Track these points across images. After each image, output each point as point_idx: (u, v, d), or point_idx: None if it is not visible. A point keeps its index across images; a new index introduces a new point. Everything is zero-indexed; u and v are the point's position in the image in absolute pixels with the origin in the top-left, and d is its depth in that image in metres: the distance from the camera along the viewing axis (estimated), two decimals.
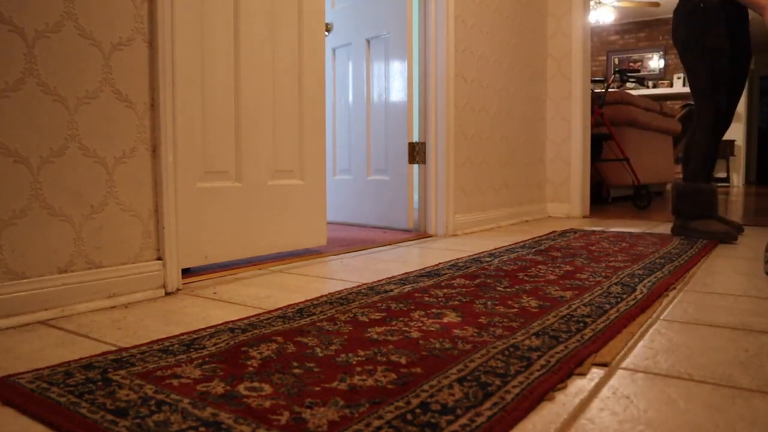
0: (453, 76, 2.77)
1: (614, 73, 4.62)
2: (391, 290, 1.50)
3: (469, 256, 2.08)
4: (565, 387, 0.86)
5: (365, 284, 1.58)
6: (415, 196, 2.88)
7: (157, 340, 1.08)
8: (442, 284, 1.57)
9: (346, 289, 1.53)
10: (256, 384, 0.86)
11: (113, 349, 1.05)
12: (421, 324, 1.18)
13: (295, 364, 0.94)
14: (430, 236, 2.73)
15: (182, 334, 1.12)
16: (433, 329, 1.14)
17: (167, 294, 1.52)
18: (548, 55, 3.75)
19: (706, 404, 0.80)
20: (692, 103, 7.17)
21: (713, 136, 2.47)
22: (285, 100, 2.07)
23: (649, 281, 1.58)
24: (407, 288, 1.53)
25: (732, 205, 4.80)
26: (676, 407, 0.79)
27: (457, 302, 1.37)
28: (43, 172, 1.27)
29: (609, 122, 4.34)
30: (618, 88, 7.87)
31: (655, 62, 9.03)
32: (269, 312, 1.29)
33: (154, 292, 1.49)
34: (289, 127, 2.09)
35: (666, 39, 8.93)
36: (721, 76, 2.42)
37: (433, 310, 1.29)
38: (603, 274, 1.70)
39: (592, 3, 7.44)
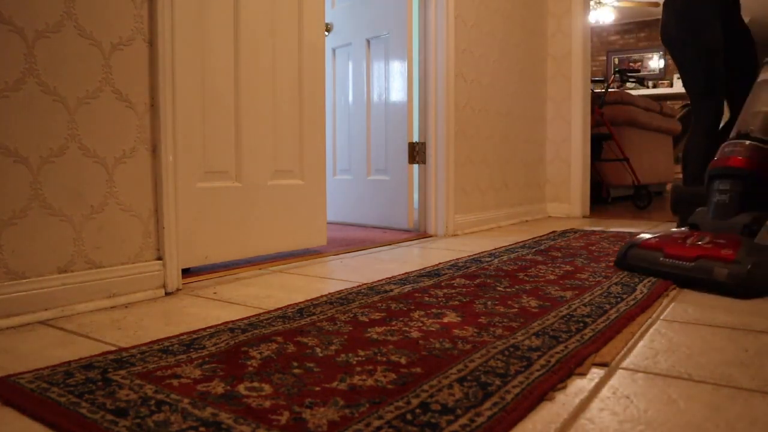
0: (453, 76, 2.77)
1: (614, 73, 4.62)
2: (391, 290, 1.50)
3: (469, 256, 2.08)
4: (565, 387, 0.87)
5: (365, 284, 1.58)
6: (415, 196, 2.88)
7: (157, 340, 1.08)
8: (442, 284, 1.57)
9: (346, 289, 1.53)
10: (256, 384, 0.86)
11: (113, 349, 1.05)
12: (421, 324, 1.18)
13: (295, 364, 0.94)
14: (430, 236, 2.73)
15: (182, 334, 1.12)
16: (433, 329, 1.14)
17: (167, 294, 1.52)
18: (548, 55, 3.75)
19: (706, 404, 0.80)
20: None
21: (713, 139, 2.31)
22: (285, 100, 2.07)
23: (649, 281, 1.58)
24: (407, 288, 1.53)
25: None
26: (676, 407, 0.79)
27: (457, 302, 1.37)
28: (43, 172, 1.27)
29: (609, 122, 4.34)
30: (618, 88, 7.87)
31: (655, 62, 9.03)
32: (269, 312, 1.29)
33: (154, 292, 1.49)
34: (289, 127, 2.09)
35: None
36: (719, 74, 2.29)
37: (433, 310, 1.29)
38: (603, 274, 1.70)
39: (592, 3, 7.44)
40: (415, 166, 2.87)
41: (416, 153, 2.83)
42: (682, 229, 1.81)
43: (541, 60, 3.68)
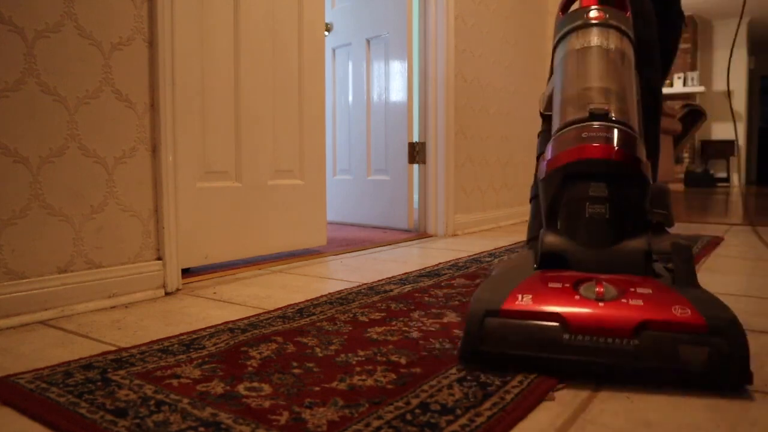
0: (453, 76, 2.77)
1: None
2: (391, 290, 1.50)
3: (469, 256, 2.08)
4: (565, 387, 0.86)
5: (365, 284, 1.58)
6: (415, 196, 2.88)
7: (157, 340, 1.08)
8: (442, 284, 1.57)
9: (346, 289, 1.53)
10: (255, 384, 0.86)
11: (113, 349, 1.05)
12: (421, 324, 1.18)
13: (295, 364, 0.94)
14: (430, 236, 2.73)
15: (182, 334, 1.12)
16: (433, 329, 1.14)
17: (167, 294, 1.52)
18: (548, 55, 3.74)
19: (706, 404, 0.80)
20: (693, 102, 7.17)
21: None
22: (285, 100, 2.07)
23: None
24: (407, 288, 1.52)
25: (732, 205, 4.80)
26: (676, 407, 0.79)
27: (457, 302, 1.37)
28: (43, 172, 1.27)
29: None
30: None
31: None
32: (269, 312, 1.29)
33: (154, 292, 1.49)
34: (289, 127, 2.09)
35: None
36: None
37: (433, 310, 1.29)
38: None
39: None
40: (415, 166, 2.87)
41: (416, 153, 2.82)
42: (525, 259, 1.13)
43: (541, 60, 3.68)
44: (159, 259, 1.52)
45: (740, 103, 8.82)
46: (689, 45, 8.71)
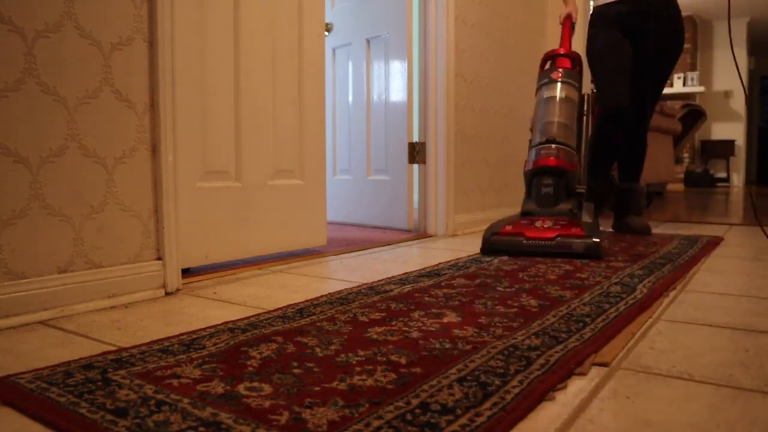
0: (453, 75, 2.77)
1: None
2: (391, 290, 1.50)
3: (469, 256, 2.08)
4: (565, 387, 0.86)
5: (365, 284, 1.58)
6: (415, 196, 2.88)
7: (157, 340, 1.08)
8: (442, 284, 1.57)
9: (346, 289, 1.53)
10: (255, 384, 0.86)
11: (113, 349, 1.05)
12: (421, 324, 1.18)
13: (295, 364, 0.94)
14: (430, 236, 2.73)
15: (182, 334, 1.12)
16: (433, 329, 1.14)
17: (167, 294, 1.52)
18: None
19: (706, 404, 0.80)
20: (692, 103, 7.17)
21: (598, 133, 2.59)
22: (285, 100, 2.07)
23: (649, 281, 1.58)
24: (407, 288, 1.52)
25: (732, 205, 4.80)
26: (676, 407, 0.79)
27: (457, 302, 1.37)
28: (43, 172, 1.27)
29: None
30: None
31: None
32: (269, 312, 1.29)
33: (154, 292, 1.49)
34: (289, 127, 2.09)
35: None
36: (606, 76, 2.57)
37: (433, 310, 1.29)
38: (603, 273, 1.70)
39: (591, 3, 7.42)
40: (415, 166, 2.87)
41: (416, 153, 2.82)
42: (516, 215, 2.25)
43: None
44: (159, 259, 1.52)
45: (740, 103, 8.81)
46: (689, 45, 8.71)
